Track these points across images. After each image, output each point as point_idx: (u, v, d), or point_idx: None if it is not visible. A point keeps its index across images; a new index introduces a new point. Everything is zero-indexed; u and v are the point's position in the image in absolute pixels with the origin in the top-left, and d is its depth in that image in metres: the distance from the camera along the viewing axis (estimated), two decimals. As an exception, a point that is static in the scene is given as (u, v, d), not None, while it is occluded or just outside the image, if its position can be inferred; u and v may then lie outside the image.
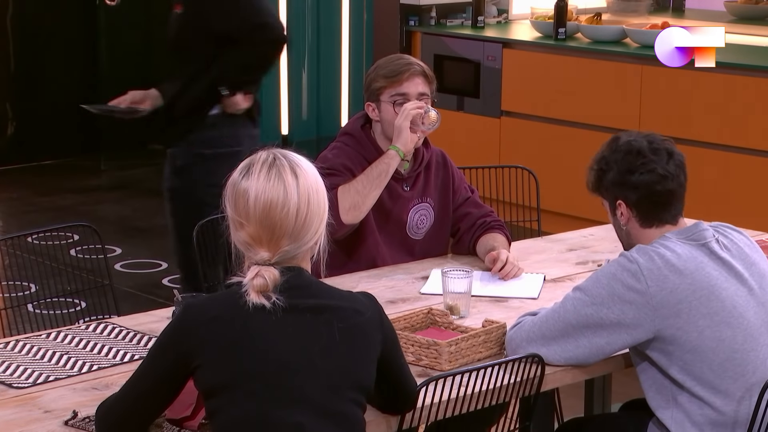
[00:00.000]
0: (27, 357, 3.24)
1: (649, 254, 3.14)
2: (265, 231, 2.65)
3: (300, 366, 2.63)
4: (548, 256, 4.17)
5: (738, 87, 6.67)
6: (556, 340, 3.17)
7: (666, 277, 3.11)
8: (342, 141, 4.07)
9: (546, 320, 3.20)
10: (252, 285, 2.63)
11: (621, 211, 3.26)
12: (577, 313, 3.16)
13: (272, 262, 2.65)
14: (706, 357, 3.11)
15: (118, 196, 8.62)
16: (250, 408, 2.61)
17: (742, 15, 7.95)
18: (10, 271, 4.18)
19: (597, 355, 3.18)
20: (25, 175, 9.03)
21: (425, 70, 4.01)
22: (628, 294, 3.11)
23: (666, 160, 3.21)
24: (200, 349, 2.62)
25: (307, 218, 2.67)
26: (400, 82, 3.97)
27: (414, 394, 2.87)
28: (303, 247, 2.69)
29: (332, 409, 2.65)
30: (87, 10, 9.39)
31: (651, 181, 3.20)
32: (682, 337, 3.11)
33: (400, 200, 4.05)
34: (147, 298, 6.40)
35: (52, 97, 9.43)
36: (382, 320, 2.76)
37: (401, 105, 3.96)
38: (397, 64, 4.00)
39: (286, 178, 2.67)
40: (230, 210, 2.69)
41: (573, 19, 7.62)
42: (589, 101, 7.27)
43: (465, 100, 7.85)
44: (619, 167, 3.23)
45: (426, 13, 8.10)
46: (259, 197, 2.66)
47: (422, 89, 3.98)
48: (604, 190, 3.29)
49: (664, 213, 3.24)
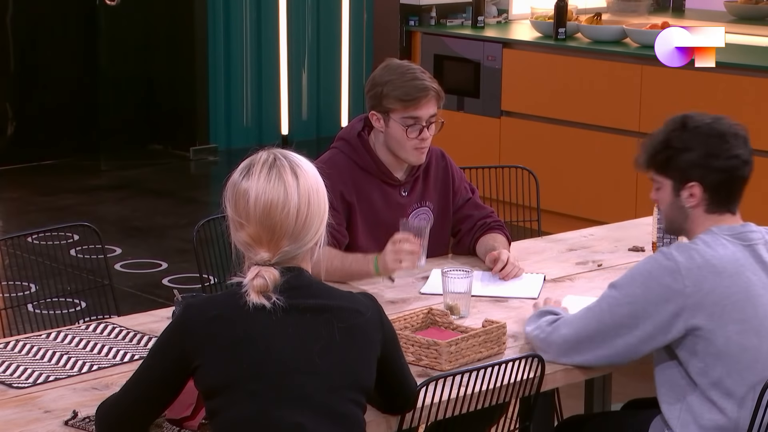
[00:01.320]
0: (27, 357, 3.24)
1: (689, 252, 3.10)
2: (265, 231, 2.65)
3: (300, 366, 2.63)
4: (548, 256, 4.17)
5: (738, 87, 6.67)
6: (592, 340, 3.16)
7: (705, 277, 3.07)
8: (337, 147, 4.05)
9: (581, 320, 3.19)
10: (252, 285, 2.63)
11: (691, 192, 3.16)
12: (612, 313, 3.13)
13: (272, 263, 2.65)
14: (727, 362, 3.08)
15: (118, 196, 8.62)
16: (251, 408, 2.61)
17: (742, 15, 7.95)
18: (10, 271, 4.18)
19: (632, 354, 3.16)
20: (25, 175, 9.03)
21: (438, 92, 3.94)
22: (665, 293, 3.07)
23: (744, 146, 3.17)
24: (200, 349, 2.62)
25: (307, 219, 2.67)
26: (416, 107, 3.91)
27: (414, 394, 2.87)
28: (303, 248, 2.69)
29: (332, 409, 2.65)
30: (87, 10, 9.39)
31: (734, 166, 3.14)
32: (710, 338, 3.08)
33: (398, 207, 4.03)
34: (147, 298, 6.39)
35: (52, 97, 9.43)
36: (382, 320, 2.76)
37: (412, 126, 3.91)
38: (413, 87, 3.90)
39: (287, 179, 2.67)
40: (230, 210, 2.69)
41: (573, 19, 7.62)
42: (589, 101, 7.27)
43: (465, 100, 7.85)
44: (701, 149, 3.13)
45: (426, 13, 8.10)
46: (260, 198, 2.65)
47: (433, 111, 3.94)
48: (673, 169, 3.17)
49: (735, 201, 3.18)
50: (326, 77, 10.12)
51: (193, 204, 8.46)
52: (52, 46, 9.36)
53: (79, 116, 9.59)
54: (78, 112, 9.59)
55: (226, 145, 9.74)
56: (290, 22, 9.82)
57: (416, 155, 3.97)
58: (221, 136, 9.78)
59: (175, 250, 7.22)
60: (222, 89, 9.74)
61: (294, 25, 9.87)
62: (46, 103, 9.42)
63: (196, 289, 5.58)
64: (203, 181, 9.28)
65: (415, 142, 3.93)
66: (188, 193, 8.81)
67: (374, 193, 4.01)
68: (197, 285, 4.49)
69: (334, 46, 10.06)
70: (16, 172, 9.09)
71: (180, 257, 7.02)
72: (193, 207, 8.33)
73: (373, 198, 4.00)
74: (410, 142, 3.94)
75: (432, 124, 3.94)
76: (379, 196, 4.01)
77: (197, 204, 8.43)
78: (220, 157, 9.63)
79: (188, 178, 9.39)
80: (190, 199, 8.60)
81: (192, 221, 4.72)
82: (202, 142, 9.70)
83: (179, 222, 7.81)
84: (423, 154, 3.97)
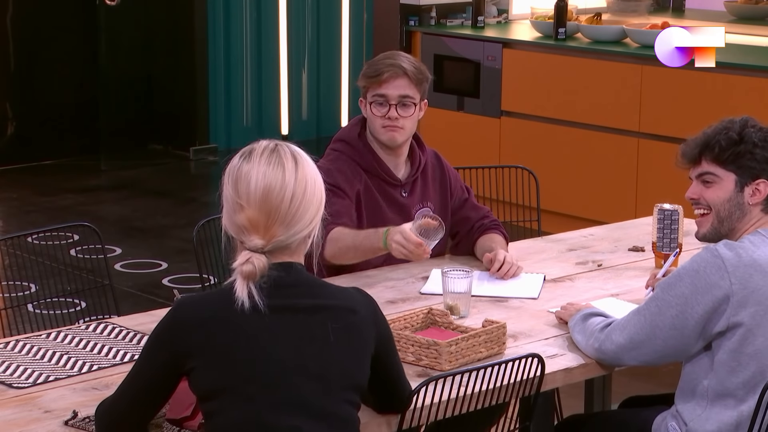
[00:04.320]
0: (27, 357, 3.24)
1: (737, 250, 3.11)
2: (262, 215, 2.65)
3: (294, 369, 2.63)
4: (548, 256, 4.17)
5: (738, 87, 6.67)
6: (645, 343, 3.17)
7: (751, 276, 3.08)
8: (337, 149, 4.05)
9: (633, 325, 3.19)
10: (241, 270, 2.62)
11: (757, 189, 3.18)
12: (663, 314, 3.14)
13: (265, 251, 2.65)
14: (761, 362, 3.09)
15: (118, 196, 8.62)
16: (246, 412, 2.60)
17: (742, 15, 7.94)
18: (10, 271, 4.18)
19: (686, 351, 3.17)
20: (25, 175, 9.03)
21: (409, 71, 3.94)
22: (711, 289, 3.08)
23: None
24: (194, 352, 2.62)
25: (301, 206, 2.67)
26: (380, 83, 3.94)
27: (407, 393, 2.86)
28: (295, 236, 2.67)
29: (327, 411, 2.65)
30: (87, 10, 9.39)
31: None
32: (748, 337, 3.09)
33: (400, 207, 4.04)
34: (147, 298, 6.39)
35: (52, 97, 9.43)
36: (377, 316, 2.76)
37: (380, 105, 3.94)
38: (381, 64, 3.96)
39: (286, 164, 2.68)
40: (231, 192, 2.68)
41: (573, 19, 7.62)
42: (589, 101, 7.27)
43: (465, 100, 7.85)
44: None
45: (426, 13, 8.10)
46: (260, 181, 2.65)
47: (404, 91, 3.94)
48: (743, 165, 3.19)
49: None
50: (326, 77, 10.12)
51: (193, 204, 8.46)
52: (52, 46, 9.36)
53: (79, 116, 9.59)
54: (78, 112, 9.59)
55: (226, 145, 9.74)
56: (290, 22, 9.82)
57: (385, 134, 3.97)
58: (221, 136, 9.78)
59: (175, 250, 7.22)
60: (222, 89, 9.74)
61: (294, 25, 9.88)
62: (46, 103, 9.42)
63: (196, 289, 5.58)
64: (203, 181, 9.27)
65: (382, 120, 3.94)
66: (188, 193, 8.81)
67: (376, 193, 4.02)
68: (197, 285, 4.49)
69: (334, 46, 10.06)
70: (16, 172, 9.09)
71: (180, 257, 7.02)
72: (193, 207, 8.33)
73: (375, 198, 4.01)
74: (377, 121, 3.96)
75: (406, 105, 3.94)
76: (381, 196, 4.02)
77: (197, 204, 8.43)
78: (220, 157, 9.62)
79: (188, 178, 9.39)
80: (190, 199, 8.60)
81: (192, 221, 4.72)
82: (202, 142, 9.70)
83: (179, 222, 7.81)
84: (394, 133, 3.96)
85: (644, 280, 3.83)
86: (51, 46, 9.37)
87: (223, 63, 9.70)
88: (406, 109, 3.95)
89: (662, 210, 4.03)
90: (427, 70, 4.04)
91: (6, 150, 9.22)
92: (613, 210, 6.83)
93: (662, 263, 3.99)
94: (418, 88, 3.96)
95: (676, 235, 4.01)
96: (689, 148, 3.26)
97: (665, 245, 4.02)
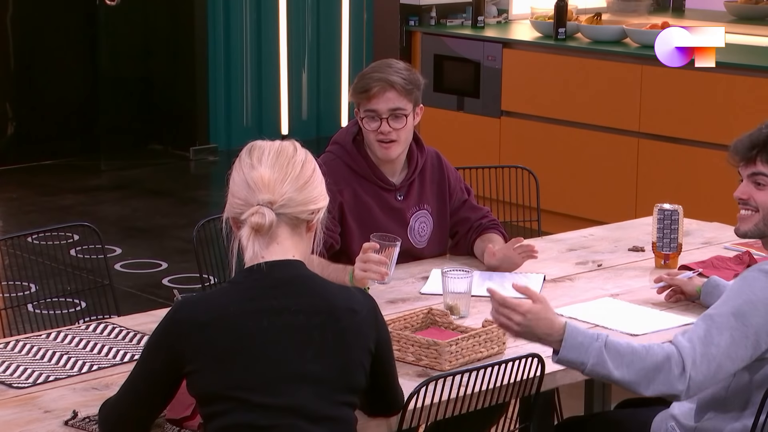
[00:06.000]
0: (27, 357, 3.24)
1: None
2: (274, 171, 2.68)
3: (293, 372, 2.63)
4: (548, 256, 4.17)
5: (738, 87, 6.67)
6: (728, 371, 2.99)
7: None
8: (332, 152, 4.04)
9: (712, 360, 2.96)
10: (250, 221, 2.64)
11: None
12: (739, 345, 2.96)
13: (274, 208, 2.67)
14: None
15: (118, 196, 8.62)
16: (244, 415, 2.60)
17: (742, 15, 7.94)
18: (10, 271, 4.17)
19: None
20: (25, 175, 9.03)
21: (397, 84, 3.89)
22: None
23: None
24: (192, 355, 2.62)
25: (312, 176, 2.73)
26: (369, 98, 3.90)
27: (399, 400, 2.86)
28: (302, 207, 2.70)
29: (325, 414, 2.65)
30: (87, 10, 9.39)
31: None
32: None
33: (394, 211, 4.02)
34: (147, 298, 6.40)
35: (52, 97, 9.44)
36: (377, 318, 2.76)
37: (372, 120, 3.92)
38: (369, 78, 3.91)
39: (296, 144, 2.78)
40: (245, 156, 2.73)
41: (573, 19, 7.62)
42: (589, 101, 7.27)
43: (465, 100, 7.85)
44: None
45: (426, 13, 8.10)
46: (274, 146, 2.74)
47: (394, 104, 3.90)
48: None
49: None
50: (326, 77, 10.12)
51: (193, 204, 8.46)
52: (52, 46, 9.37)
53: (79, 116, 9.59)
54: (78, 112, 9.59)
55: (226, 145, 9.74)
56: (290, 22, 9.83)
57: (379, 149, 3.95)
58: (221, 136, 9.78)
59: (175, 250, 7.22)
60: (222, 89, 9.75)
61: (294, 25, 9.88)
62: (46, 103, 9.42)
63: (196, 289, 5.58)
64: (203, 181, 9.28)
65: (375, 134, 3.93)
66: (188, 193, 8.81)
67: (369, 197, 3.99)
68: (197, 285, 4.49)
69: (334, 46, 10.06)
70: (16, 172, 9.09)
71: (180, 257, 7.02)
72: (193, 207, 8.33)
73: (368, 203, 3.99)
74: (370, 135, 3.94)
75: (398, 117, 3.92)
76: (375, 200, 4.00)
77: (197, 204, 8.43)
78: (220, 157, 9.63)
79: (188, 178, 9.39)
80: (190, 199, 8.60)
81: (192, 221, 4.72)
82: (202, 142, 9.70)
83: (179, 222, 7.81)
84: (388, 148, 3.94)
85: (644, 280, 3.83)
86: (51, 46, 9.37)
87: (223, 63, 9.71)
88: (398, 121, 3.92)
89: (662, 210, 4.03)
90: (419, 76, 3.99)
91: (6, 150, 9.23)
92: (613, 210, 6.83)
93: (662, 263, 3.99)
94: (408, 98, 3.92)
95: (676, 235, 4.01)
96: (743, 145, 3.12)
97: (665, 245, 4.02)
